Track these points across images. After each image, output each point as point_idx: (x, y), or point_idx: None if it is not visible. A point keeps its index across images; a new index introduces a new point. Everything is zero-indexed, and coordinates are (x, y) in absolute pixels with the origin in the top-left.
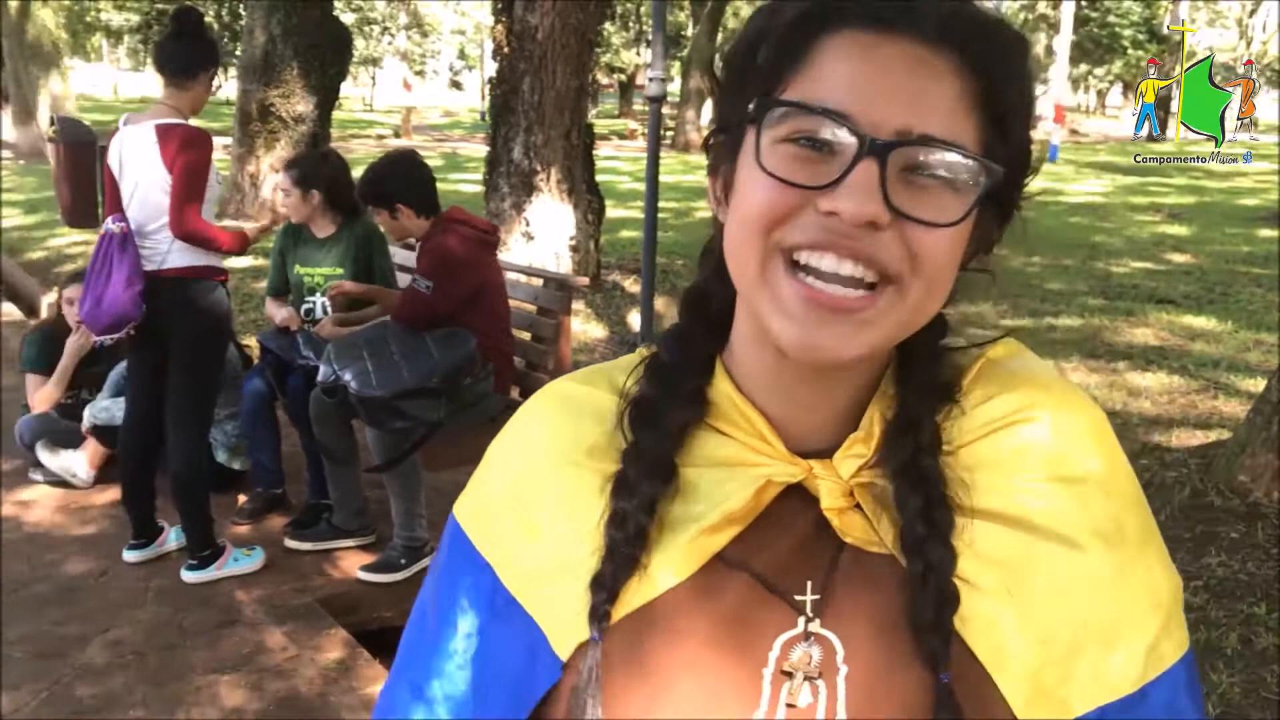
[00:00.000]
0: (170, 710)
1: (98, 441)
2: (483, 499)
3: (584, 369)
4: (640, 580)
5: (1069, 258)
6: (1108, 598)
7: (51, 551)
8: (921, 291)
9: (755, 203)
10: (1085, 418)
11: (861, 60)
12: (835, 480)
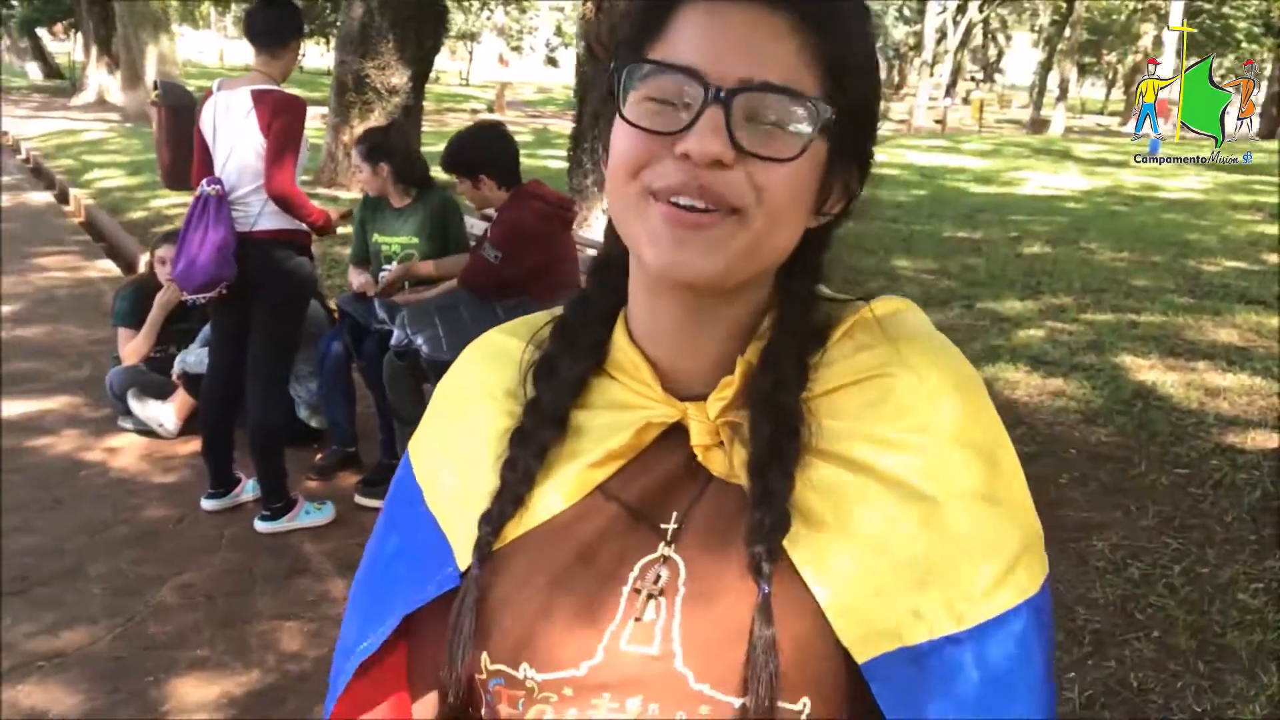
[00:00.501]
0: (234, 651)
1: (185, 391)
2: (423, 432)
3: (514, 320)
4: (526, 512)
5: (1158, 254)
6: (941, 542)
7: (134, 497)
8: (765, 222)
9: (620, 150)
10: (950, 376)
11: (709, 24)
12: (704, 420)
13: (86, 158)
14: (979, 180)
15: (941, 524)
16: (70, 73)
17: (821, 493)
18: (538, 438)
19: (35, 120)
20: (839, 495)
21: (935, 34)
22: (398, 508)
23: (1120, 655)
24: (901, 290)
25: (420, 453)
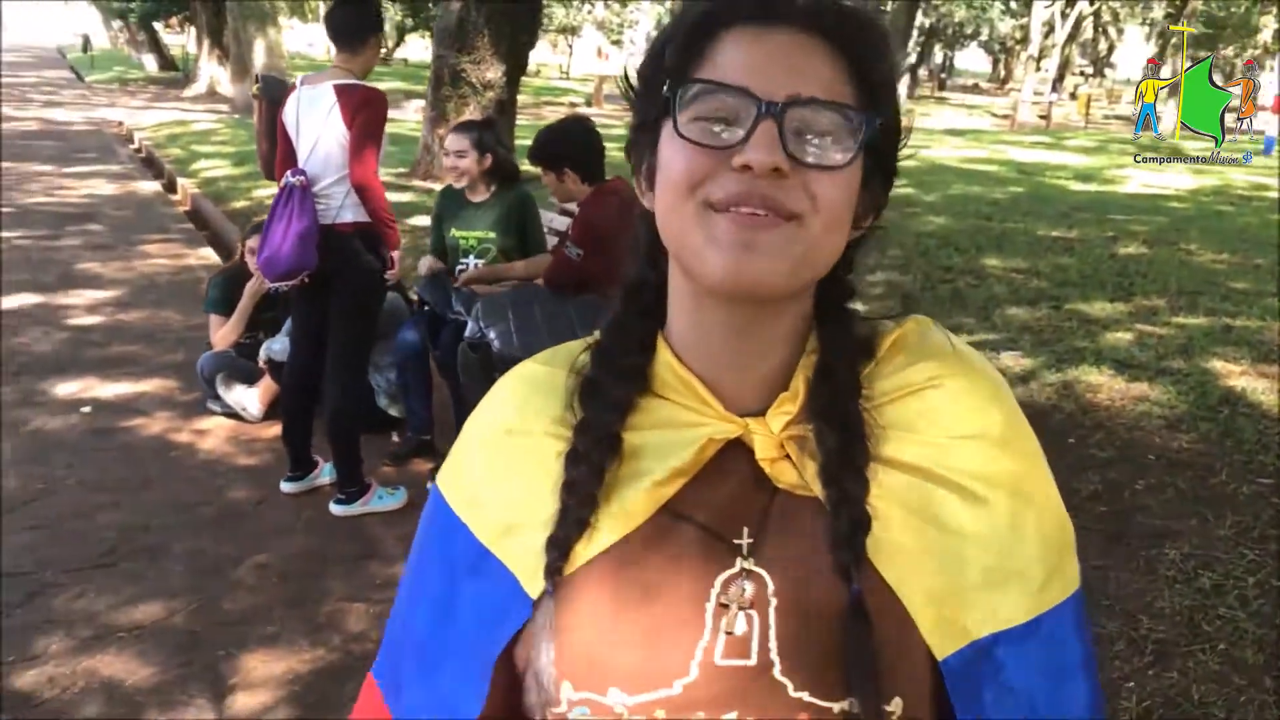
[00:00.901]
0: (302, 629)
1: (270, 378)
2: (458, 467)
3: (546, 350)
4: (594, 534)
5: (1261, 257)
6: (1003, 541)
7: (219, 478)
8: (820, 227)
9: (678, 168)
10: (988, 384)
11: (752, 46)
12: (767, 434)
13: (195, 148)
14: (1080, 178)
15: (998, 523)
16: (184, 65)
17: (890, 497)
18: (592, 458)
19: (149, 111)
20: (908, 500)
21: (1042, 27)
22: (437, 544)
23: (1183, 667)
24: (988, 289)
25: (457, 486)
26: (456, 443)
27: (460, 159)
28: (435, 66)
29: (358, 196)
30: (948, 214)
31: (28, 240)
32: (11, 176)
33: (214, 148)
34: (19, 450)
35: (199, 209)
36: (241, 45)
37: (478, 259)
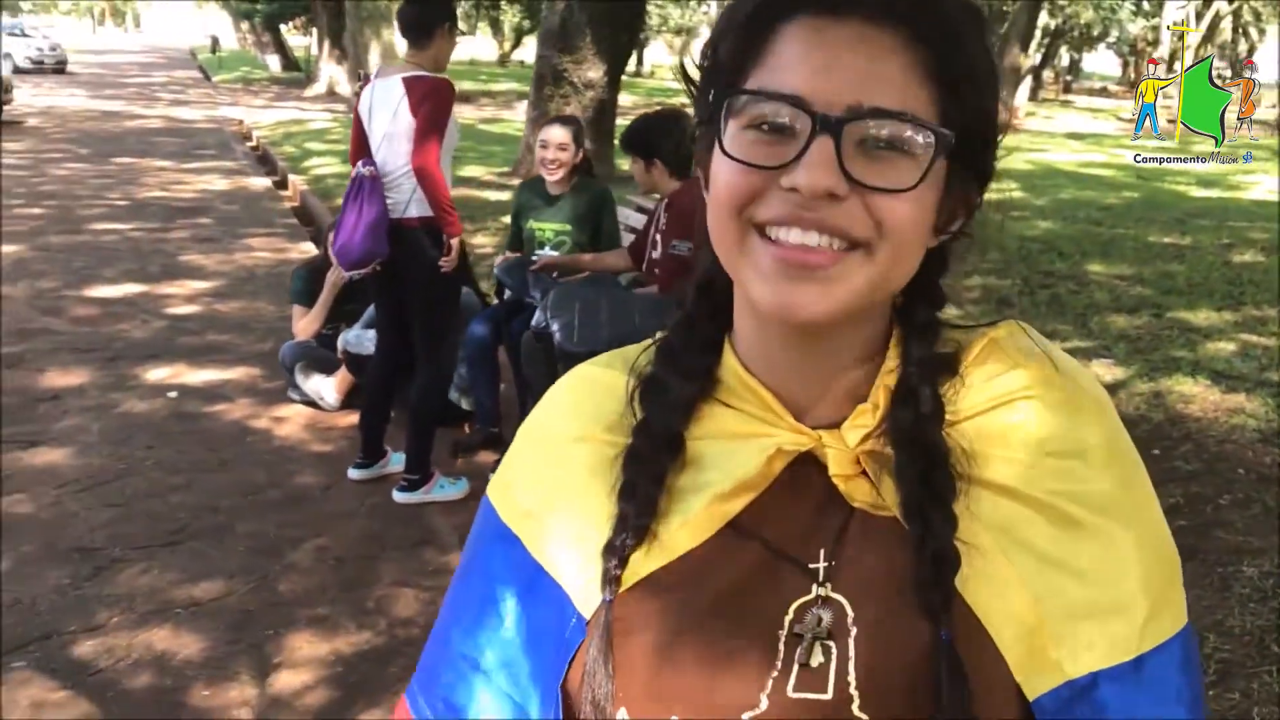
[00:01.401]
0: (351, 612)
1: (347, 368)
2: (510, 477)
3: (607, 353)
4: (653, 546)
5: None
6: (1102, 569)
7: (290, 464)
8: (889, 254)
9: (724, 186)
10: (1087, 397)
11: (812, 44)
12: (842, 448)
13: (308, 145)
14: (1202, 183)
15: (1098, 550)
16: (305, 65)
17: (981, 522)
18: (653, 462)
19: (269, 110)
20: (998, 523)
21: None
22: (487, 558)
23: (1246, 688)
24: (1089, 295)
25: (508, 497)
26: (509, 451)
27: (562, 151)
28: (538, 67)
29: (419, 183)
30: (1056, 218)
31: (139, 232)
32: (132, 171)
33: (326, 146)
34: (106, 431)
35: (306, 205)
36: (358, 46)
37: (554, 251)
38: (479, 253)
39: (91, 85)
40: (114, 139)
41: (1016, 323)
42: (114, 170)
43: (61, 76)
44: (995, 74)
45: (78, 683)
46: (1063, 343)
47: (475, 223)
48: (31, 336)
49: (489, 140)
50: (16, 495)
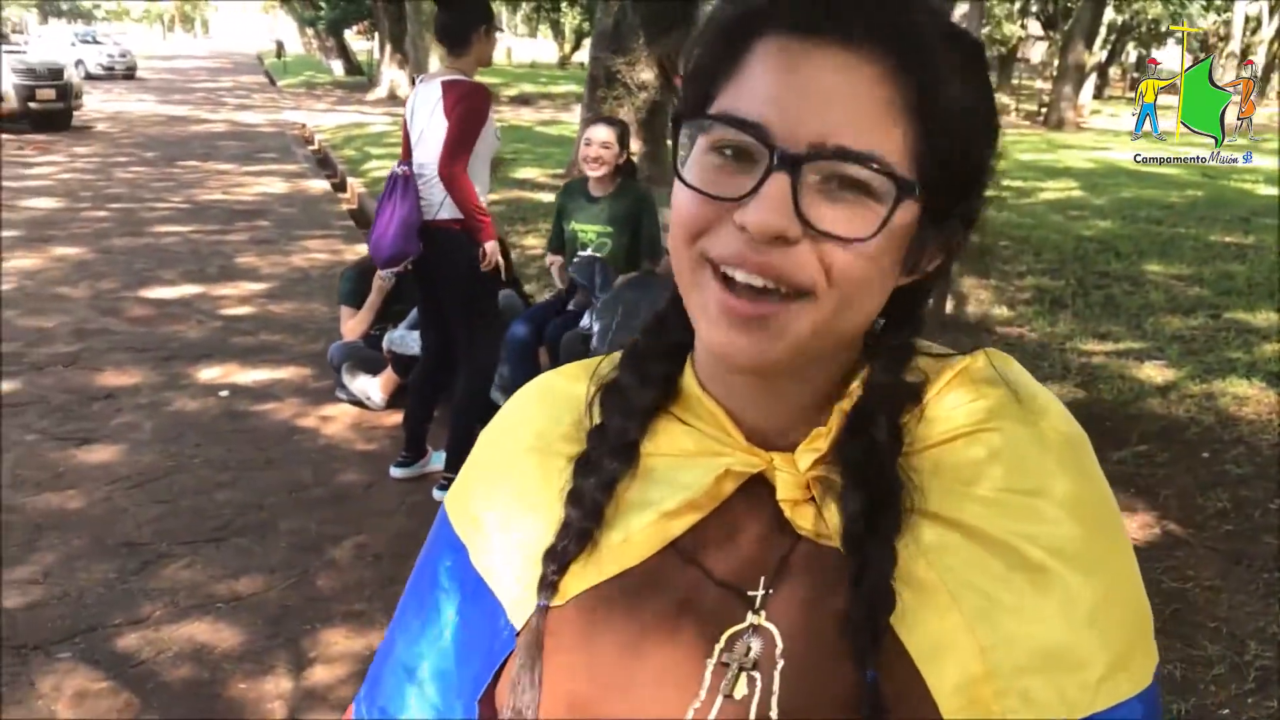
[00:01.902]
0: (388, 609)
1: (393, 369)
2: (463, 485)
3: (574, 363)
4: (592, 559)
5: None
6: (1058, 620)
7: (335, 462)
8: (835, 303)
9: (680, 213)
10: (1057, 434)
11: (784, 69)
12: (793, 472)
13: (368, 149)
14: (1270, 181)
15: (1054, 598)
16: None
17: (928, 558)
18: (605, 468)
19: (331, 114)
20: (946, 561)
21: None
22: (435, 565)
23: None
24: (1144, 296)
25: (460, 506)
26: (468, 458)
27: (606, 149)
28: (592, 68)
29: (445, 187)
30: (1115, 217)
31: (199, 235)
32: (195, 174)
33: (386, 149)
34: (158, 429)
35: (364, 207)
36: (419, 50)
37: (594, 253)
38: (530, 254)
39: (160, 90)
40: (179, 143)
41: (993, 352)
42: (177, 173)
43: (131, 82)
44: (990, 115)
45: (120, 674)
46: (1114, 344)
47: (527, 224)
48: (90, 336)
49: (546, 142)
50: (69, 491)
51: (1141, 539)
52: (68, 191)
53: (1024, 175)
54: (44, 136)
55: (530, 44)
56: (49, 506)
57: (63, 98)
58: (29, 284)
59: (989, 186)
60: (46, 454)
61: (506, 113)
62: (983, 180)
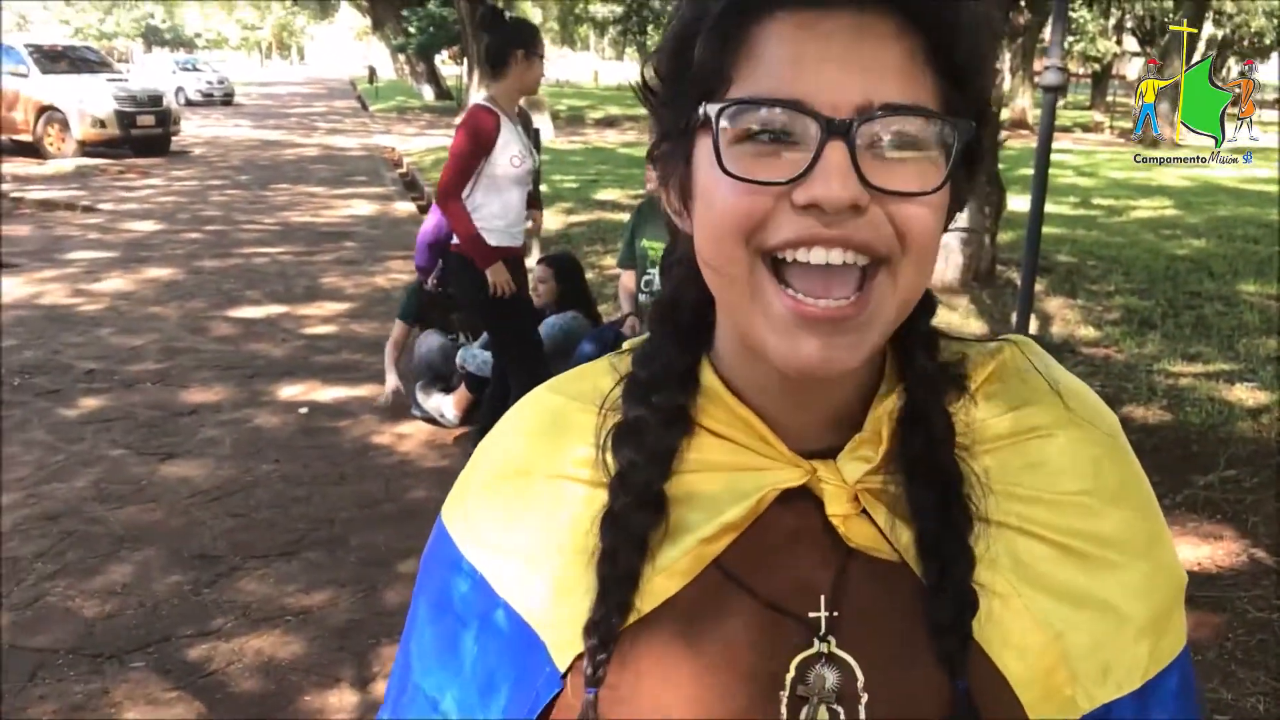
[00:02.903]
0: None
1: (466, 387)
2: (469, 507)
3: (568, 373)
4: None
5: None
6: (1117, 602)
7: (407, 478)
8: (912, 269)
9: (726, 210)
10: (1099, 431)
11: (802, 40)
12: (840, 484)
13: None
14: None
15: (1114, 583)
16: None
17: (994, 562)
18: (634, 523)
19: (420, 137)
20: (1012, 563)
21: None
22: (447, 587)
23: None
24: (1237, 316)
25: (467, 525)
26: (463, 474)
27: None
28: None
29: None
30: (1209, 236)
31: (287, 256)
32: (286, 197)
33: None
34: (238, 445)
35: None
36: None
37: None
38: (608, 274)
39: (255, 116)
40: (272, 167)
41: (1022, 339)
42: (269, 196)
43: (229, 108)
44: (995, 51)
45: (189, 684)
46: (1204, 365)
47: (606, 245)
48: (177, 354)
49: (629, 164)
50: (149, 504)
51: (1228, 566)
52: (164, 214)
53: (1115, 193)
54: (144, 161)
55: (618, 66)
56: (130, 519)
57: (162, 124)
58: (123, 304)
59: (989, 128)
60: (131, 468)
61: (591, 135)
62: (988, 121)
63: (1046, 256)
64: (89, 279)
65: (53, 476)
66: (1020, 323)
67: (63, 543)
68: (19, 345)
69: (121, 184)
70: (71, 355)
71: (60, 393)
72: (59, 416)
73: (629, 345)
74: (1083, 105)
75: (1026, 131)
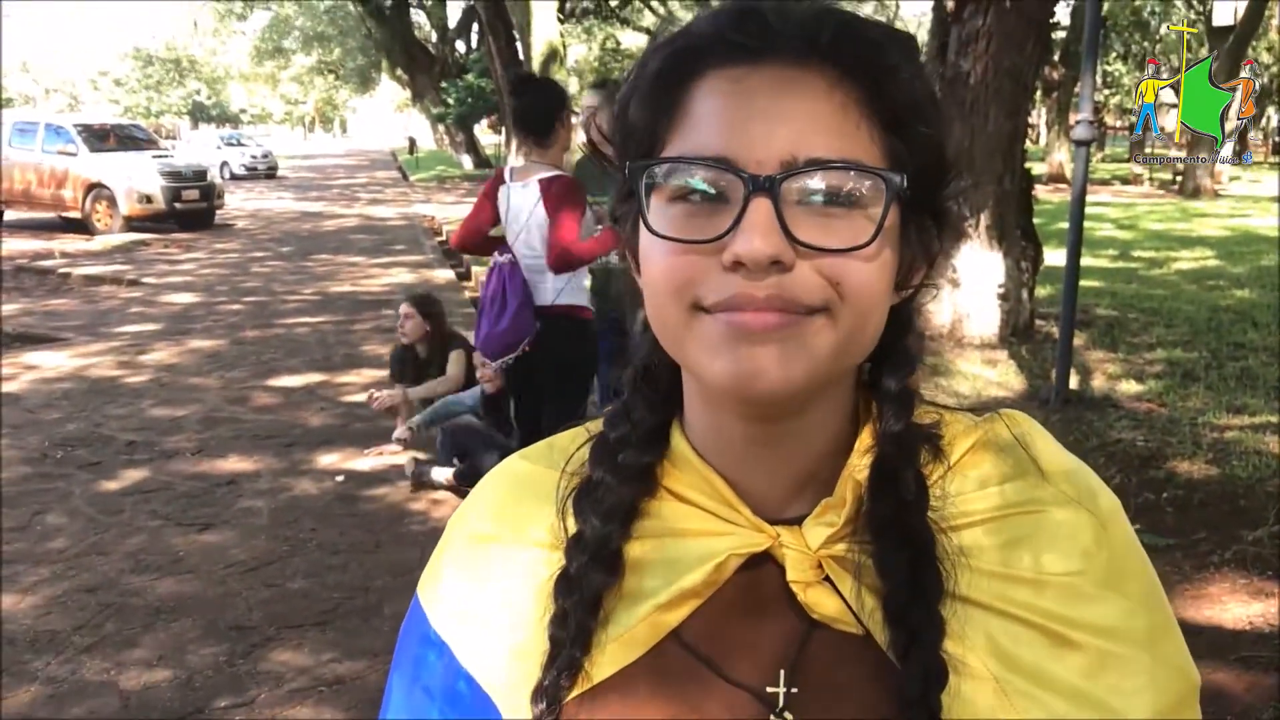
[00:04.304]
0: None
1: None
2: (439, 579)
3: (541, 442)
4: (590, 663)
5: None
6: (1103, 698)
7: None
8: (853, 319)
9: (660, 271)
10: (1093, 515)
11: (731, 97)
12: (802, 550)
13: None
14: None
15: (1101, 678)
16: (495, 162)
17: (967, 644)
18: (588, 583)
19: (459, 205)
20: (989, 645)
21: None
22: (418, 662)
23: None
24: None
25: (436, 598)
26: (438, 547)
27: None
28: None
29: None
30: (1253, 286)
31: (328, 325)
32: (327, 267)
33: None
34: (275, 514)
35: None
36: None
37: None
38: None
39: (298, 188)
40: (314, 238)
41: (1016, 414)
42: (310, 267)
43: (272, 181)
44: (937, 103)
45: None
46: (1250, 418)
47: None
48: (217, 425)
49: None
50: (186, 575)
51: (1279, 624)
52: (206, 286)
53: (1155, 245)
54: (188, 235)
55: None
56: (167, 590)
57: (206, 198)
58: (165, 375)
59: (953, 180)
60: (169, 539)
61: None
62: (947, 171)
63: (1086, 310)
64: (132, 351)
65: (92, 549)
66: (1060, 377)
67: (100, 615)
68: (62, 418)
69: (166, 258)
70: (114, 427)
71: (101, 464)
72: (99, 489)
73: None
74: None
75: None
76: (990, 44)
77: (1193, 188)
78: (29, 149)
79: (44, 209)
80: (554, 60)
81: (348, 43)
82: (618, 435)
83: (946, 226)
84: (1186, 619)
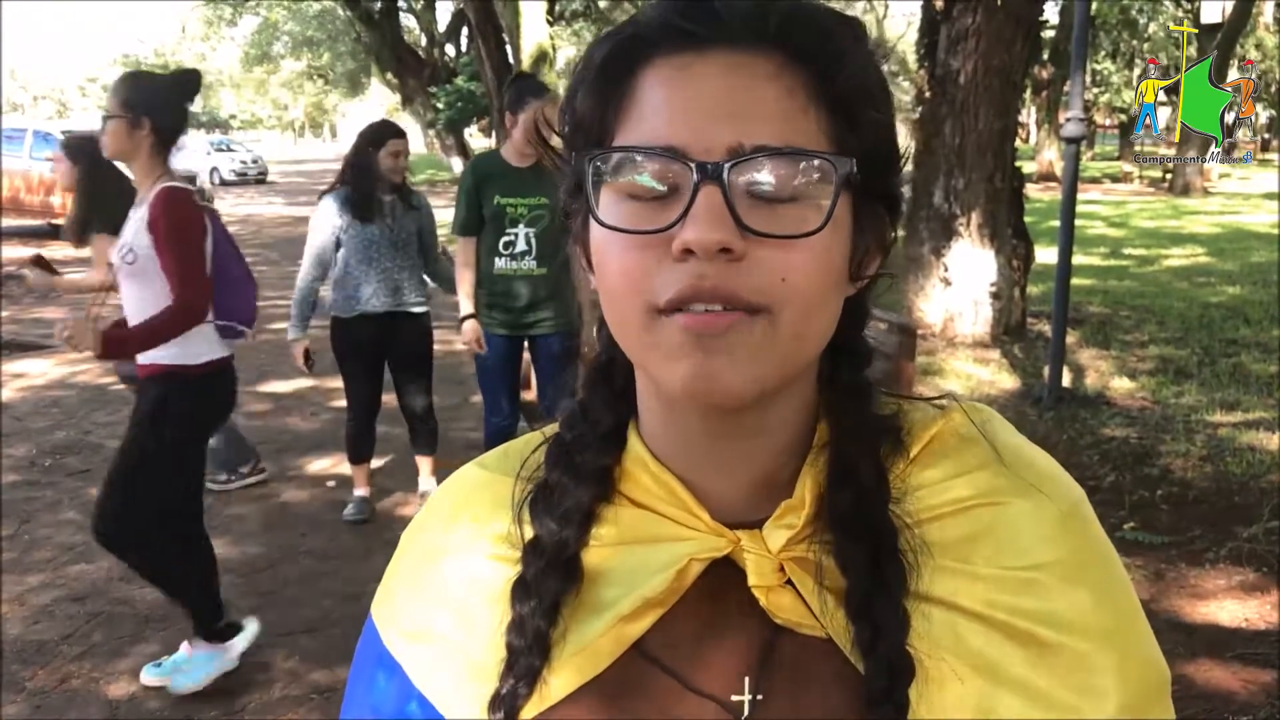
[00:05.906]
0: None
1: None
2: (391, 594)
3: (499, 447)
4: (551, 677)
5: None
6: (1072, 695)
7: None
8: (797, 316)
9: (613, 267)
10: (1056, 504)
11: (677, 85)
12: (763, 553)
13: None
14: None
15: (1069, 674)
16: None
17: (931, 642)
18: (544, 589)
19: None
20: (951, 645)
21: None
22: (370, 682)
23: None
24: (1276, 363)
25: (389, 615)
26: (391, 562)
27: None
28: None
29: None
30: (1244, 283)
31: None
32: None
33: None
34: (266, 521)
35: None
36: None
37: (528, 228)
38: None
39: (288, 193)
40: (303, 242)
41: (976, 405)
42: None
43: (262, 186)
44: (886, 88)
45: None
46: (1244, 414)
47: None
48: None
49: None
50: None
51: (1276, 621)
52: None
53: (1146, 243)
54: None
55: None
56: (156, 599)
57: None
58: None
59: (902, 166)
60: None
61: None
62: (897, 156)
63: (1078, 308)
64: None
65: (80, 557)
66: (1053, 375)
67: (89, 624)
68: (51, 426)
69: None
70: (103, 434)
71: (90, 472)
72: (89, 496)
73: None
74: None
75: (1054, 183)
76: (980, 43)
77: (1183, 185)
78: (17, 155)
79: (33, 216)
80: (543, 62)
81: (337, 47)
82: (574, 436)
83: (898, 211)
84: (1182, 616)
